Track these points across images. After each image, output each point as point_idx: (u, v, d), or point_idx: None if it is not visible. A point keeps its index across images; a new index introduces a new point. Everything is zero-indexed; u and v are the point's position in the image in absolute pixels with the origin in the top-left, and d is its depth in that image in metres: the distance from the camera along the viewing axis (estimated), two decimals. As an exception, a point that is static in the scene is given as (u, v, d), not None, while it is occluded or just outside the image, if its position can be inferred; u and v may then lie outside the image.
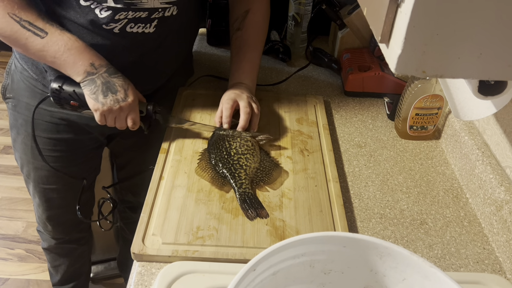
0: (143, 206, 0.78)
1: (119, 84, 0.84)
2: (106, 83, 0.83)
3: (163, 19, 0.88)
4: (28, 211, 1.95)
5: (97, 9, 0.82)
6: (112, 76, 0.84)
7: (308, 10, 1.25)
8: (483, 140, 0.89)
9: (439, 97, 0.95)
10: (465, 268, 0.75)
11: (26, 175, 1.11)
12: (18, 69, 0.99)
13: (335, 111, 1.10)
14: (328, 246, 0.54)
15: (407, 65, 0.39)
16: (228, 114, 0.91)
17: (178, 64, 1.05)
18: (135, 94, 0.86)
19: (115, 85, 0.83)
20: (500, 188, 0.78)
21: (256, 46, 1.01)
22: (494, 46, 0.38)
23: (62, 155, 1.05)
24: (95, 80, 0.83)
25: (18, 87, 0.99)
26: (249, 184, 0.82)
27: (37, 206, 1.17)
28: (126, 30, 0.86)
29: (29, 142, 1.02)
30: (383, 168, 0.94)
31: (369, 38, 1.21)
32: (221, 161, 0.85)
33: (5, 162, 2.20)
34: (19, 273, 1.72)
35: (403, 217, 0.83)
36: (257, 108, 0.93)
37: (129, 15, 0.84)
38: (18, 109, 1.00)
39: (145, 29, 0.88)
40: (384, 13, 0.40)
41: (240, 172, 0.83)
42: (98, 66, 0.83)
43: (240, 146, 0.88)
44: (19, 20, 0.79)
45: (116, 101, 0.83)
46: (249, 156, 0.86)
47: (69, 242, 1.30)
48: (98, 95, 0.83)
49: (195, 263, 0.68)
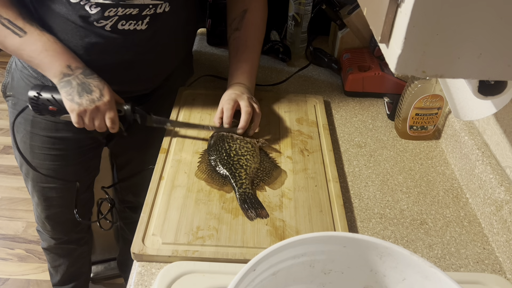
0: (143, 206, 0.78)
1: (94, 84, 0.84)
2: (81, 84, 0.84)
3: (155, 16, 0.88)
4: (28, 211, 1.95)
5: (87, 6, 0.83)
6: (88, 77, 0.85)
7: (308, 10, 1.25)
8: (483, 140, 0.89)
9: (439, 97, 0.95)
10: (465, 268, 0.75)
11: (25, 174, 1.11)
12: (18, 67, 0.99)
13: (335, 111, 1.10)
14: (328, 246, 0.54)
15: (407, 65, 0.39)
16: (229, 115, 0.91)
17: (177, 63, 1.05)
18: (111, 94, 0.86)
19: (90, 85, 0.84)
20: (500, 188, 0.78)
21: (255, 47, 1.01)
22: (494, 46, 0.38)
23: (61, 153, 1.05)
24: (71, 81, 0.84)
25: (18, 85, 1.00)
26: (249, 184, 0.82)
27: (36, 205, 1.17)
28: (117, 28, 0.86)
29: (28, 141, 1.03)
30: (383, 168, 0.94)
31: (369, 38, 1.21)
32: (221, 162, 0.85)
33: (5, 162, 2.20)
34: (19, 273, 1.72)
35: (403, 217, 0.83)
36: (258, 108, 0.93)
37: (119, 11, 0.84)
38: (17, 107, 1.00)
39: (137, 26, 0.88)
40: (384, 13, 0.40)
41: (240, 172, 0.83)
42: (74, 68, 0.84)
43: (240, 148, 0.88)
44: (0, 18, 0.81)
45: (91, 101, 0.83)
46: (249, 157, 0.86)
47: (69, 243, 1.30)
48: (74, 96, 0.83)
49: (195, 263, 0.68)
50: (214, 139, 0.90)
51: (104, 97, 0.84)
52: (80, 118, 0.85)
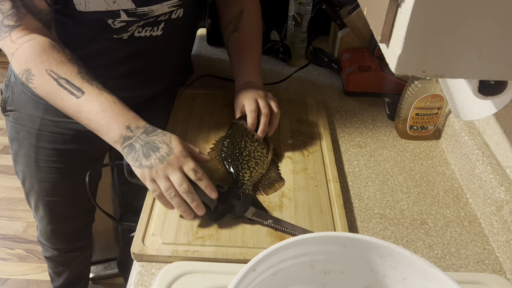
0: (143, 206, 0.78)
1: (159, 140, 0.73)
2: (145, 145, 0.72)
3: (170, 20, 0.87)
4: (28, 211, 1.95)
5: (109, 20, 0.81)
6: (151, 135, 0.74)
7: (308, 10, 1.25)
8: (483, 140, 0.89)
9: (439, 97, 0.95)
10: (465, 268, 0.74)
11: (28, 188, 1.09)
12: (18, 80, 0.95)
13: (335, 111, 1.10)
14: (328, 246, 0.54)
15: (407, 65, 0.39)
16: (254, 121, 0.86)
17: (181, 63, 1.05)
18: (183, 145, 0.74)
19: (155, 143, 0.72)
20: (500, 188, 0.78)
21: (256, 46, 1.00)
22: (494, 46, 0.38)
23: (67, 166, 1.03)
24: (133, 144, 0.73)
25: (20, 99, 0.97)
26: (251, 186, 0.81)
27: (41, 219, 1.15)
28: (134, 36, 0.85)
29: (32, 155, 1.00)
30: (383, 168, 0.94)
31: (369, 38, 1.21)
32: (231, 157, 0.85)
33: (5, 162, 2.20)
34: (19, 273, 1.72)
35: (403, 217, 0.83)
36: (277, 107, 0.88)
37: (140, 23, 0.84)
38: (20, 121, 0.98)
39: (153, 32, 0.87)
40: (384, 13, 0.40)
41: (245, 172, 0.82)
42: (134, 128, 0.74)
43: (255, 150, 0.86)
44: (57, 77, 0.74)
45: (161, 159, 0.71)
46: (259, 161, 0.85)
47: (72, 251, 1.29)
48: (141, 159, 0.72)
49: (195, 263, 0.68)
50: (234, 129, 0.88)
51: (173, 150, 0.72)
52: (155, 184, 0.71)
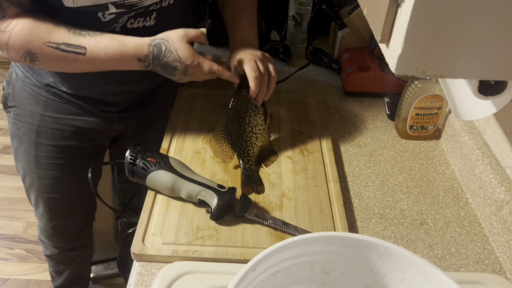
0: (143, 206, 0.78)
1: (170, 60, 0.80)
2: (164, 68, 0.81)
3: (161, 9, 0.87)
4: (28, 211, 1.95)
5: (99, 13, 0.81)
6: (161, 58, 0.80)
7: (308, 10, 1.25)
8: (483, 140, 0.89)
9: (439, 97, 0.95)
10: (465, 268, 0.74)
11: (28, 185, 1.09)
12: (19, 77, 0.96)
13: (335, 111, 1.10)
14: (328, 246, 0.54)
15: (407, 65, 0.39)
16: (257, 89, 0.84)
17: None
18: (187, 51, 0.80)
19: (169, 64, 0.80)
20: (500, 188, 0.78)
21: (251, 8, 0.97)
22: (494, 46, 0.38)
23: (66, 162, 1.03)
24: (155, 69, 0.82)
25: (20, 96, 0.97)
26: (254, 161, 0.86)
27: (41, 216, 1.15)
28: (127, 27, 0.85)
29: (32, 151, 1.01)
30: (383, 168, 0.94)
31: (369, 38, 1.21)
32: (236, 134, 0.87)
33: (5, 162, 2.20)
34: (19, 273, 1.72)
35: (403, 217, 0.83)
36: (274, 69, 0.87)
37: (130, 14, 0.84)
38: (21, 117, 0.98)
39: (146, 23, 0.86)
40: (384, 13, 0.40)
41: (249, 149, 0.87)
42: (144, 58, 0.80)
43: (257, 124, 0.87)
44: (56, 45, 0.77)
45: (184, 72, 0.81)
46: (259, 136, 0.88)
47: (72, 250, 1.29)
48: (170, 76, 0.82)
49: (195, 263, 0.68)
50: (238, 101, 0.86)
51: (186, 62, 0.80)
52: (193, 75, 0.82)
